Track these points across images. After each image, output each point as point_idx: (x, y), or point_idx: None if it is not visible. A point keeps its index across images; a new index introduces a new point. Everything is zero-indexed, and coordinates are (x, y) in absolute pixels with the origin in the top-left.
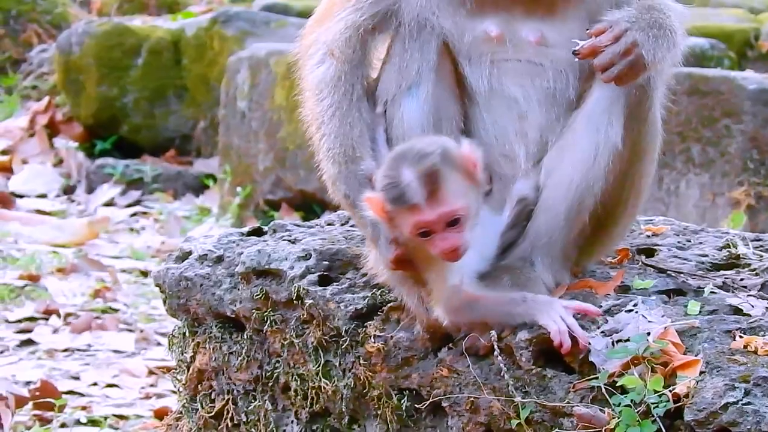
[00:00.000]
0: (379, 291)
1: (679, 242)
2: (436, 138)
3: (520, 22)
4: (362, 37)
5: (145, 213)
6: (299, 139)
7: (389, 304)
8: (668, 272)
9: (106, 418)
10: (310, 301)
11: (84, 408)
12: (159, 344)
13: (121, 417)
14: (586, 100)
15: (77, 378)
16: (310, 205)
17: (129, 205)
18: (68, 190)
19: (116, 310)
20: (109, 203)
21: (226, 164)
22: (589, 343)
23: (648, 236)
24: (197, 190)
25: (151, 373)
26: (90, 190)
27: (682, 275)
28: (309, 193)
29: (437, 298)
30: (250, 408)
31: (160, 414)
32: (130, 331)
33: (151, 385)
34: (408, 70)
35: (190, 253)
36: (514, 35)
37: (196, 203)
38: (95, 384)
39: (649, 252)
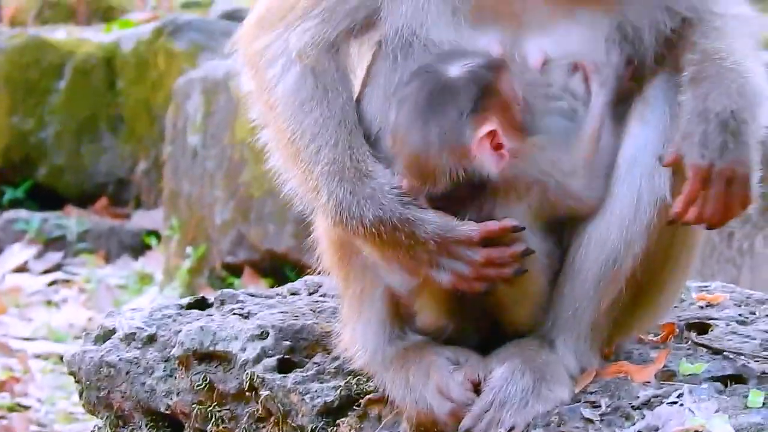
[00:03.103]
0: (355, 379)
1: (740, 315)
2: None
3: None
4: (335, 49)
5: (67, 281)
6: (267, 183)
7: (368, 396)
8: (725, 353)
9: None
10: (267, 393)
11: None
12: None
13: None
14: (625, 139)
15: None
16: (281, 270)
17: (47, 271)
18: None
19: (27, 408)
20: (21, 268)
21: (173, 217)
22: None
23: (701, 307)
24: (136, 251)
25: None
26: None
27: (742, 357)
28: (279, 255)
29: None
30: None
31: None
32: None
33: None
34: None
35: (113, 331)
36: (521, 53)
37: (134, 268)
38: None
39: (702, 328)
